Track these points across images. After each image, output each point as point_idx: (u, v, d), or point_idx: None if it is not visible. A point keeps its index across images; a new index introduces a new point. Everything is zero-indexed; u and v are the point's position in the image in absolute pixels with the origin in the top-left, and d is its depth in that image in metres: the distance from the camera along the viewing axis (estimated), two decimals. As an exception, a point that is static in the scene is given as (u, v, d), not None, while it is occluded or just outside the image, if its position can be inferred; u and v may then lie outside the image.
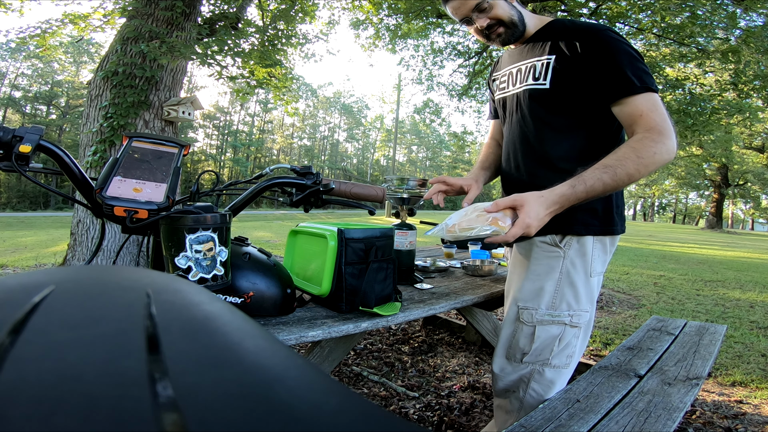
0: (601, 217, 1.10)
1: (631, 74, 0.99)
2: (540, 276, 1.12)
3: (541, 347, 1.10)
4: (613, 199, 1.10)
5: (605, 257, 1.13)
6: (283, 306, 0.95)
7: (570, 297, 1.09)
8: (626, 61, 1.00)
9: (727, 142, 13.92)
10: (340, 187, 0.90)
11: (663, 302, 3.98)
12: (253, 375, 0.16)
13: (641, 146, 0.96)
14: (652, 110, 0.98)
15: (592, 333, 2.82)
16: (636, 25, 5.02)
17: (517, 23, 1.16)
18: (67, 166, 0.70)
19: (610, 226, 1.10)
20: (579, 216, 1.08)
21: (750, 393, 2.05)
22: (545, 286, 1.11)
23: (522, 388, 1.11)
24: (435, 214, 25.16)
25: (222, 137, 36.31)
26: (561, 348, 1.09)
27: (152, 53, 3.29)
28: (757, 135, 19.91)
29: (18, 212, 18.54)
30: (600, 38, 1.03)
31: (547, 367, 1.09)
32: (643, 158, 0.94)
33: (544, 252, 1.12)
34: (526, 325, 1.12)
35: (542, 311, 1.10)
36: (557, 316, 1.09)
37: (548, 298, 1.10)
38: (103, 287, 0.22)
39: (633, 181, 0.97)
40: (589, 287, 1.10)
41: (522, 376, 1.11)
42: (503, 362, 1.15)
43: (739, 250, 10.78)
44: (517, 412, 1.11)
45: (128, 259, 3.11)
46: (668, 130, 0.97)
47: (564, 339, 1.09)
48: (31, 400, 0.13)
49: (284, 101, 5.41)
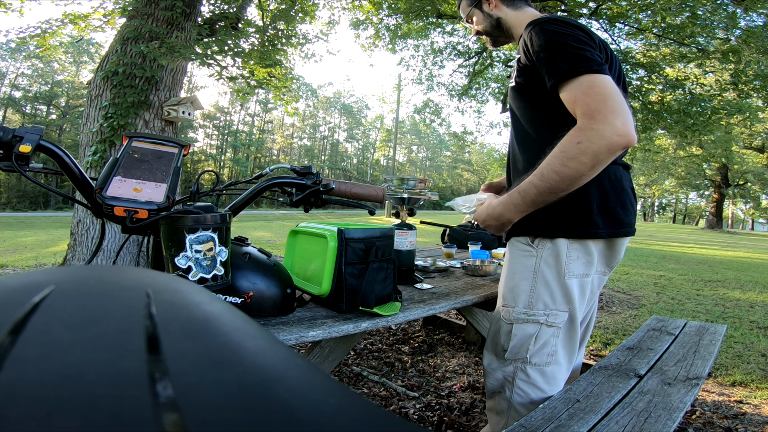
0: (575, 219, 1.05)
1: (560, 60, 0.94)
2: (516, 274, 1.13)
3: (518, 345, 1.10)
4: (592, 198, 1.04)
5: (588, 259, 1.08)
6: (283, 306, 0.95)
7: (546, 296, 1.08)
8: (556, 47, 0.95)
9: (727, 142, 13.93)
10: (340, 187, 0.90)
11: (663, 302, 3.98)
12: (253, 375, 0.16)
13: (566, 139, 0.90)
14: (586, 93, 0.90)
15: (592, 333, 2.82)
16: (636, 25, 5.02)
17: (491, 31, 1.23)
18: (67, 166, 0.70)
19: (588, 228, 1.05)
20: (548, 218, 1.06)
21: (750, 393, 2.05)
22: (520, 284, 1.11)
23: (508, 388, 1.11)
24: (435, 214, 25.15)
25: (222, 137, 36.31)
26: (538, 347, 1.08)
27: (152, 54, 3.29)
28: (757, 135, 19.91)
29: (18, 212, 18.54)
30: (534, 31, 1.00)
31: (528, 365, 1.09)
32: (566, 151, 0.89)
33: (519, 251, 1.13)
34: (505, 322, 1.13)
35: (519, 309, 1.10)
36: (532, 315, 1.09)
37: (524, 297, 1.10)
38: (103, 287, 0.22)
39: (568, 180, 0.91)
40: (566, 288, 1.07)
41: (506, 375, 1.12)
42: (490, 357, 1.17)
43: (739, 250, 10.78)
44: (506, 412, 1.11)
45: (128, 259, 3.11)
46: (601, 112, 0.87)
47: (540, 338, 1.09)
48: (31, 400, 0.13)
49: (284, 101, 5.42)
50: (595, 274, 1.12)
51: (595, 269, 1.11)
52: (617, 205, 1.07)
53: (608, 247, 1.11)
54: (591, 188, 1.02)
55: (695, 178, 26.28)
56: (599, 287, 1.18)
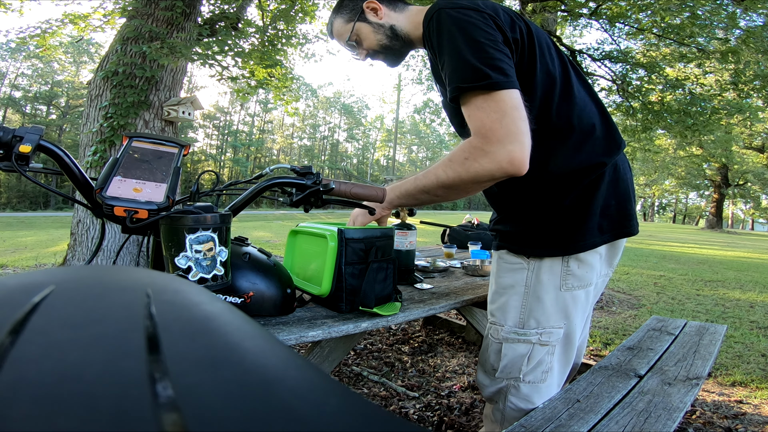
0: (562, 236, 0.96)
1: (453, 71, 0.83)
2: (505, 290, 1.03)
3: (509, 365, 1.01)
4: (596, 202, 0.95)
5: (589, 267, 0.98)
6: (283, 306, 0.95)
7: (538, 313, 0.98)
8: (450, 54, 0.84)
9: (727, 142, 13.92)
10: (340, 187, 0.90)
11: (663, 302, 3.98)
12: (253, 375, 0.16)
13: (458, 148, 0.85)
14: (478, 108, 0.81)
15: (591, 333, 2.82)
16: (636, 25, 5.02)
17: (389, 43, 1.04)
18: (67, 166, 0.70)
19: (580, 242, 0.95)
20: (536, 238, 0.98)
21: (750, 393, 2.05)
22: (510, 301, 1.01)
23: (501, 401, 1.05)
24: (435, 214, 25.15)
25: (222, 137, 36.31)
26: (532, 366, 1.00)
27: (154, 54, 3.29)
28: (757, 135, 19.90)
29: (18, 212, 18.53)
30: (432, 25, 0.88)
31: (521, 383, 1.01)
32: (452, 161, 0.85)
33: (507, 264, 1.03)
34: (493, 340, 1.04)
35: (508, 328, 1.01)
36: (524, 334, 0.99)
37: (515, 314, 1.01)
38: (103, 287, 0.22)
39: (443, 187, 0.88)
40: (563, 302, 0.98)
41: (500, 389, 1.05)
42: (482, 374, 1.10)
43: (739, 250, 10.78)
44: (500, 423, 1.06)
45: (128, 259, 3.11)
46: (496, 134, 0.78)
47: (534, 357, 0.99)
48: (31, 400, 0.13)
49: (284, 101, 5.42)
50: (599, 278, 1.04)
51: (597, 274, 1.02)
52: (621, 202, 0.99)
53: (610, 248, 1.04)
54: (594, 190, 0.95)
55: (695, 178, 26.27)
56: (602, 288, 1.11)
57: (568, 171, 0.94)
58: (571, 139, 0.94)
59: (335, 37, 1.12)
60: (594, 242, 0.96)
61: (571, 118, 0.93)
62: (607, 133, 0.98)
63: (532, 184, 0.96)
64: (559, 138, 0.94)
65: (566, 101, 0.94)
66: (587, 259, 0.97)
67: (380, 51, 1.07)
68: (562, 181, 0.95)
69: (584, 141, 0.94)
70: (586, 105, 0.97)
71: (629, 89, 5.35)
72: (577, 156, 0.93)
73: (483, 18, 0.85)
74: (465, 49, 0.82)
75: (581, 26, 6.44)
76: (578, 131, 0.94)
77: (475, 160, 0.81)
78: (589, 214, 0.95)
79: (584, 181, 0.94)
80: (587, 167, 0.94)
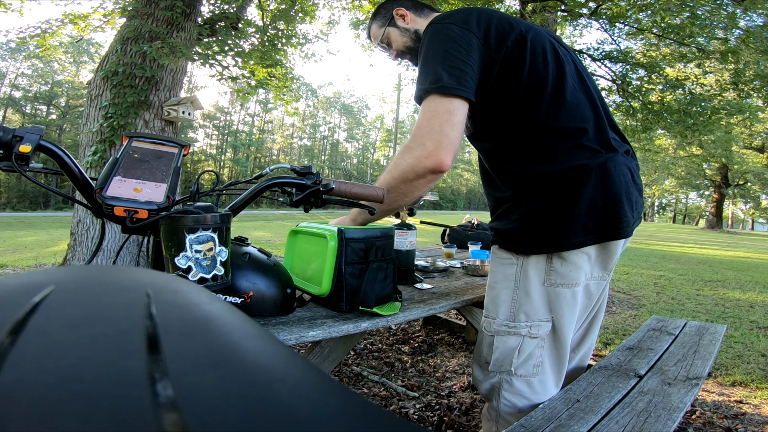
0: (545, 235, 0.98)
1: (418, 75, 0.91)
2: (497, 284, 1.08)
3: (501, 358, 1.05)
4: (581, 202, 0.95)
5: (574, 267, 0.99)
6: (283, 306, 0.95)
7: (527, 307, 1.03)
8: (422, 61, 0.92)
9: (727, 142, 13.93)
10: (340, 187, 0.90)
11: (663, 302, 3.98)
12: (253, 375, 0.16)
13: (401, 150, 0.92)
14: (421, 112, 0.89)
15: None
16: (636, 25, 5.02)
17: (413, 45, 1.16)
18: (67, 166, 0.70)
19: (562, 240, 0.96)
20: (523, 236, 1.02)
21: (750, 393, 2.05)
22: (501, 294, 1.06)
23: (495, 398, 1.07)
24: (435, 214, 25.15)
25: (222, 137, 36.31)
26: (523, 359, 1.03)
27: (154, 54, 3.29)
28: (757, 135, 19.91)
29: (18, 212, 18.54)
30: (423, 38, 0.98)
31: (513, 377, 1.04)
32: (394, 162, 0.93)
33: (500, 259, 1.08)
34: (486, 333, 1.09)
35: (500, 321, 1.06)
36: (514, 327, 1.04)
37: (506, 308, 1.05)
38: (103, 287, 0.22)
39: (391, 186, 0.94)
40: (547, 296, 1.01)
41: (493, 385, 1.08)
42: (476, 369, 1.13)
43: (739, 250, 10.78)
44: (495, 421, 1.09)
45: (128, 259, 3.11)
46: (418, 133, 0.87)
47: (524, 350, 1.03)
48: (31, 400, 0.13)
49: (284, 101, 5.42)
50: (590, 280, 1.03)
51: (587, 276, 1.02)
52: (610, 204, 0.96)
53: (602, 251, 1.01)
54: (577, 191, 0.95)
55: (695, 178, 26.28)
56: (598, 292, 1.09)
57: (550, 171, 0.97)
58: (556, 140, 0.97)
59: (372, 39, 1.25)
60: (577, 242, 0.97)
61: (559, 120, 0.97)
62: (600, 136, 0.99)
63: (517, 183, 1.03)
64: (544, 138, 0.98)
65: (556, 103, 0.97)
66: (571, 258, 0.99)
67: (406, 52, 1.19)
68: (545, 181, 0.98)
69: (569, 143, 0.97)
70: (579, 107, 0.99)
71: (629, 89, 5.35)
72: (561, 157, 0.96)
73: (463, 33, 0.92)
74: (433, 57, 0.90)
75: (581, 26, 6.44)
76: (564, 133, 0.97)
77: (402, 158, 0.89)
78: (573, 214, 0.95)
79: (564, 182, 0.96)
80: (568, 168, 0.96)
